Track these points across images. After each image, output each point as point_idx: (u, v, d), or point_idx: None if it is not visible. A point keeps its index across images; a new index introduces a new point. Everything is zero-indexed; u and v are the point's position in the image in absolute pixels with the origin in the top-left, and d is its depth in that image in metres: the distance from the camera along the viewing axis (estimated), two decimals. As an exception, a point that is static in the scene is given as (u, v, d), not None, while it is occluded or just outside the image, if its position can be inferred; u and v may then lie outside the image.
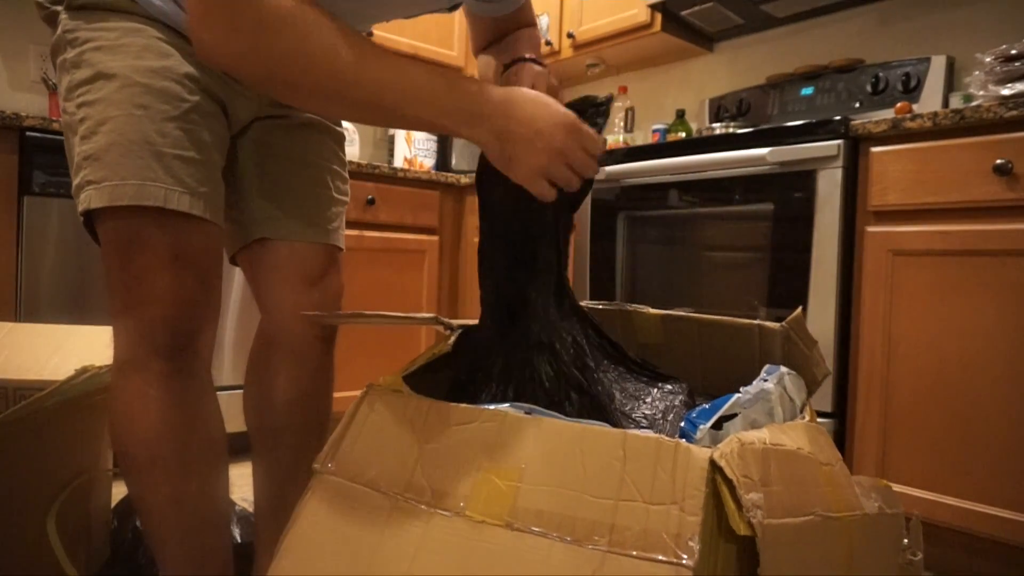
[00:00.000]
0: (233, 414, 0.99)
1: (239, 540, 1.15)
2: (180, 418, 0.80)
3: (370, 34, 2.50)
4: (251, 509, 1.11)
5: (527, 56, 0.86)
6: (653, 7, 2.32)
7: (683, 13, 2.30)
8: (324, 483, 0.60)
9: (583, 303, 0.84)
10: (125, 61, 0.77)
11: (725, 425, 0.54)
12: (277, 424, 0.98)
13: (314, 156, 0.98)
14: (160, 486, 0.80)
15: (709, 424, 0.53)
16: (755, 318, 0.79)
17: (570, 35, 2.61)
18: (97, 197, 0.76)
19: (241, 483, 1.00)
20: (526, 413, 0.55)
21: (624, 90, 2.65)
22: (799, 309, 0.71)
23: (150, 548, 0.84)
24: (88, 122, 0.77)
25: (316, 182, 0.98)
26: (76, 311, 1.80)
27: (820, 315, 1.52)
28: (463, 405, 0.58)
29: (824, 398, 1.51)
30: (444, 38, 2.94)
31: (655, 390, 0.75)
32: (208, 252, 0.82)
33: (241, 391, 1.01)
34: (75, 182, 0.79)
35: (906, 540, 0.64)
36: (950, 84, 1.90)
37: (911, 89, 1.92)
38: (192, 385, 0.82)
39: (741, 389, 0.56)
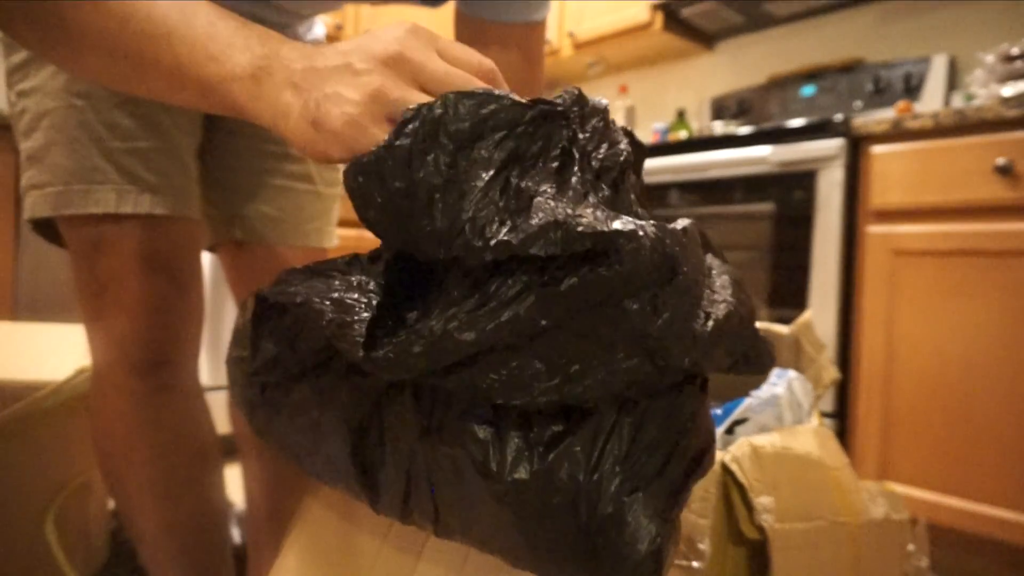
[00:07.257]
0: (231, 414, 0.98)
1: (238, 541, 1.14)
2: (164, 438, 0.74)
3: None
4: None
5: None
6: (654, 6, 2.32)
7: (684, 12, 2.30)
8: (328, 484, 0.60)
9: None
10: None
11: (736, 429, 0.54)
12: None
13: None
14: (148, 508, 0.75)
15: (723, 429, 0.53)
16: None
17: (570, 34, 2.60)
18: (42, 204, 0.68)
19: (240, 484, 0.99)
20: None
21: (624, 89, 2.65)
22: (808, 314, 0.71)
23: (145, 566, 0.80)
24: (26, 116, 0.68)
25: (298, 177, 0.89)
26: (75, 311, 1.78)
27: (821, 315, 1.51)
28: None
29: (825, 398, 1.51)
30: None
31: None
32: (180, 250, 0.73)
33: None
34: (22, 183, 0.71)
35: (911, 546, 0.64)
36: (951, 83, 1.90)
37: (912, 88, 1.92)
38: (174, 400, 0.75)
39: (752, 393, 0.56)
